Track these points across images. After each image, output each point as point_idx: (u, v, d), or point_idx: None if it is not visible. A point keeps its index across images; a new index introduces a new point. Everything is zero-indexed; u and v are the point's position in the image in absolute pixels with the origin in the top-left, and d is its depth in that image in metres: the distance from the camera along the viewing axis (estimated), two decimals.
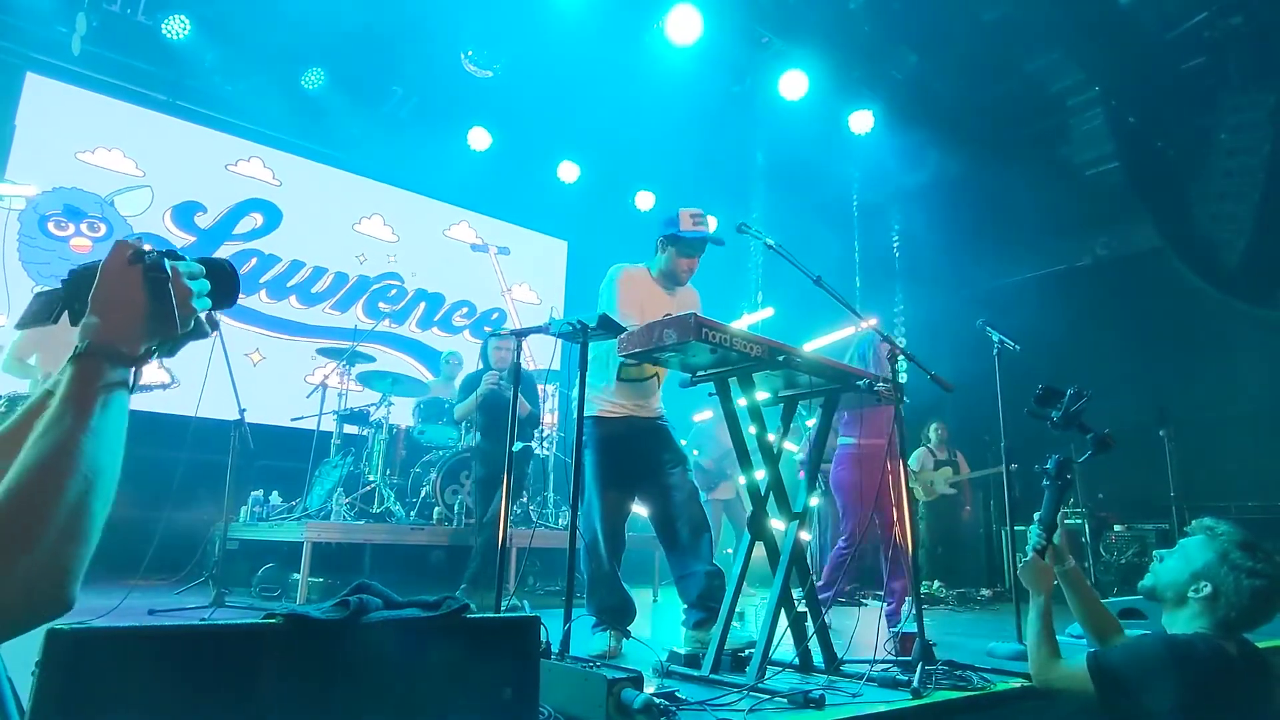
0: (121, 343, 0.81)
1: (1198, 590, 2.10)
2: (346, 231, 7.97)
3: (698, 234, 3.36)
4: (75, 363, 0.79)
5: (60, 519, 0.69)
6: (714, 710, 2.08)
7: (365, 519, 5.40)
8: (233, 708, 1.29)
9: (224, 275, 0.96)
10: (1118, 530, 7.22)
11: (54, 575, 0.68)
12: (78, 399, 0.77)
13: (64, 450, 0.72)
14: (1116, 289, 8.28)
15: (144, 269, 0.84)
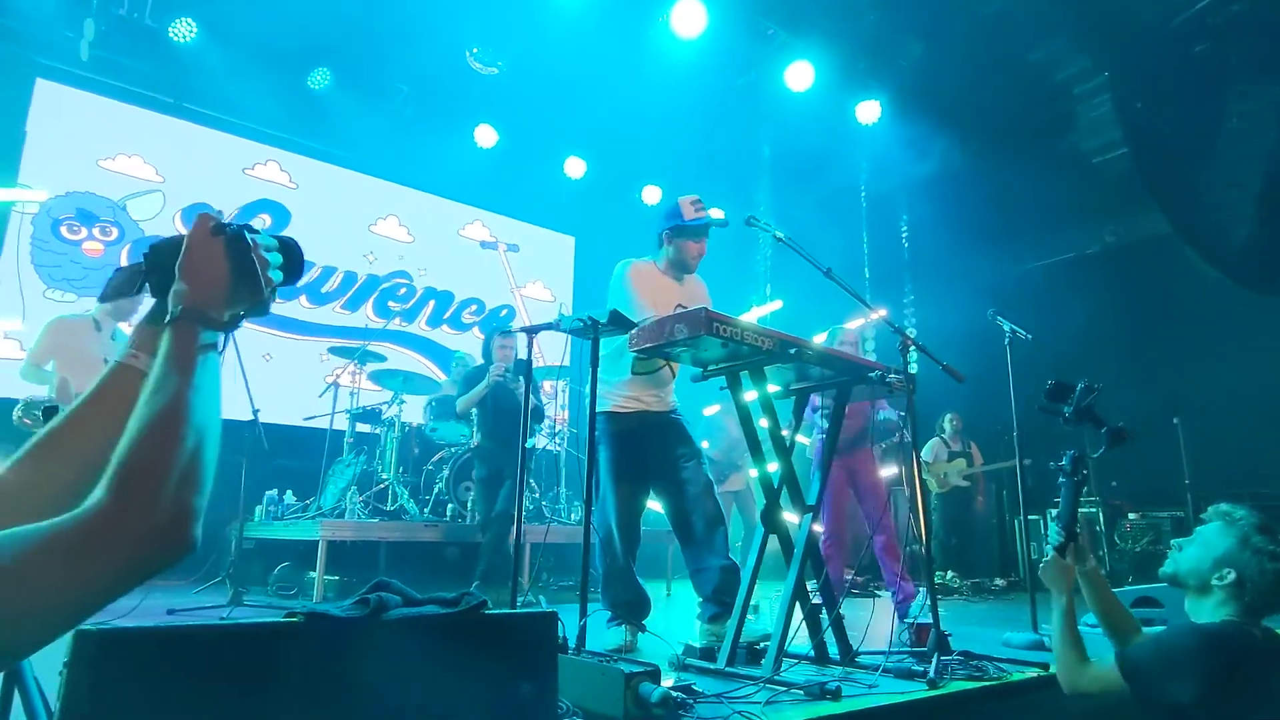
0: (209, 308, 0.87)
1: (1221, 577, 2.06)
2: (360, 233, 7.99)
3: (701, 220, 3.40)
4: (171, 327, 0.85)
5: (179, 468, 0.75)
6: (730, 703, 2.09)
7: (379, 517, 5.44)
8: (256, 705, 1.30)
9: (293, 252, 1.02)
10: (1132, 518, 7.19)
11: (180, 519, 0.73)
12: (179, 359, 0.83)
13: (174, 406, 0.79)
14: (1126, 276, 8.23)
15: (226, 240, 0.90)
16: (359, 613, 1.44)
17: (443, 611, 1.54)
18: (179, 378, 0.81)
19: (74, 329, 4.47)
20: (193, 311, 0.86)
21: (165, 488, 0.73)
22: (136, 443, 0.75)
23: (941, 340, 7.38)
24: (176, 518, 0.73)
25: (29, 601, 0.66)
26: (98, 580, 0.69)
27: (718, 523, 3.23)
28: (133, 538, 0.70)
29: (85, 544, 0.68)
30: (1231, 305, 7.42)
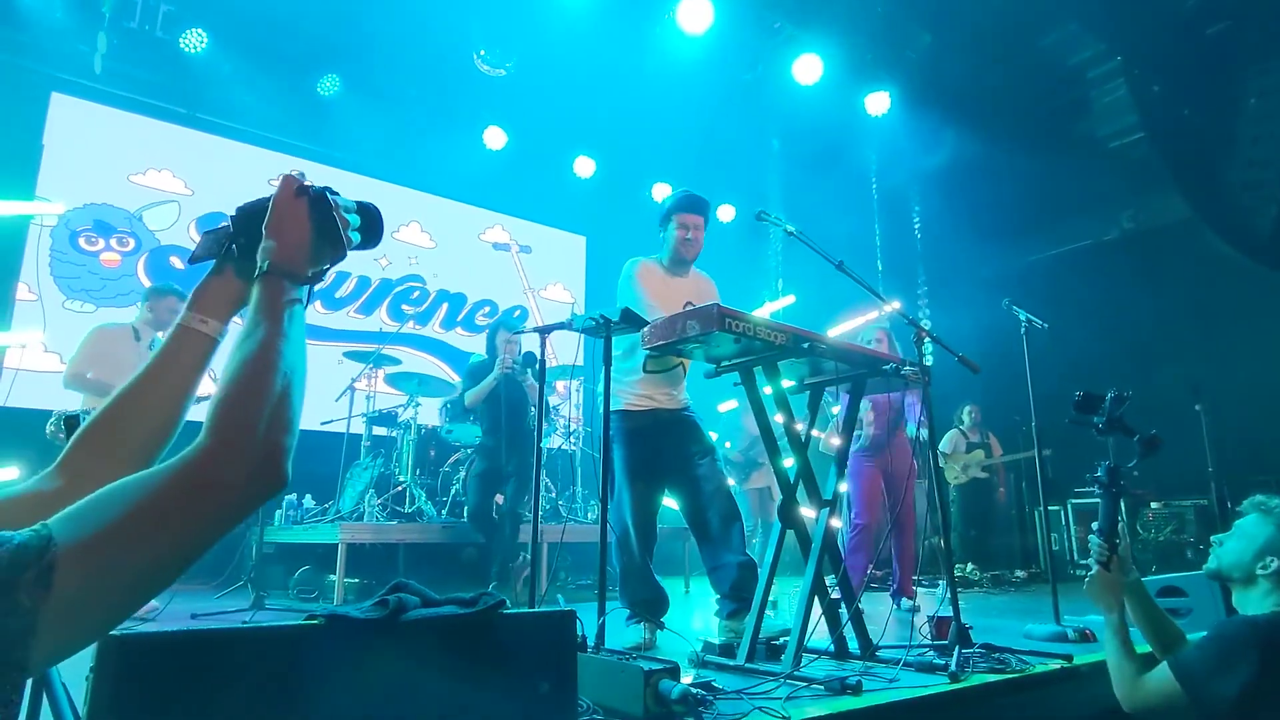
0: (294, 263, 0.94)
1: (1265, 566, 2.07)
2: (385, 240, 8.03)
3: (680, 192, 3.51)
4: (261, 281, 0.91)
5: (270, 408, 0.79)
6: (751, 699, 2.08)
7: (397, 519, 5.47)
8: (278, 707, 1.32)
9: (372, 215, 1.08)
10: (1154, 508, 7.11)
11: (273, 456, 0.78)
12: (268, 310, 0.88)
13: (264, 352, 0.83)
14: (1145, 262, 8.12)
15: (310, 200, 0.96)
16: (378, 614, 1.46)
17: (461, 612, 1.54)
18: (268, 326, 0.86)
19: (114, 338, 4.55)
20: (278, 266, 0.91)
21: (258, 427, 0.77)
22: (231, 387, 0.80)
23: (957, 331, 7.34)
24: (270, 455, 0.77)
25: (149, 551, 0.69)
26: (207, 520, 0.73)
27: (733, 519, 3.23)
28: (233, 475, 0.75)
29: (193, 486, 0.72)
30: (1255, 289, 7.31)
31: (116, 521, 0.67)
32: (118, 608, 0.70)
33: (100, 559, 0.65)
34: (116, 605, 0.69)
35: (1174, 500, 7.02)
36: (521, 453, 5.11)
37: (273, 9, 6.31)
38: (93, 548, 0.65)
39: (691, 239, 3.47)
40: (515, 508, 5.10)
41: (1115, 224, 8.63)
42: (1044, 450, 4.09)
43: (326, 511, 5.59)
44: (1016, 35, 7.35)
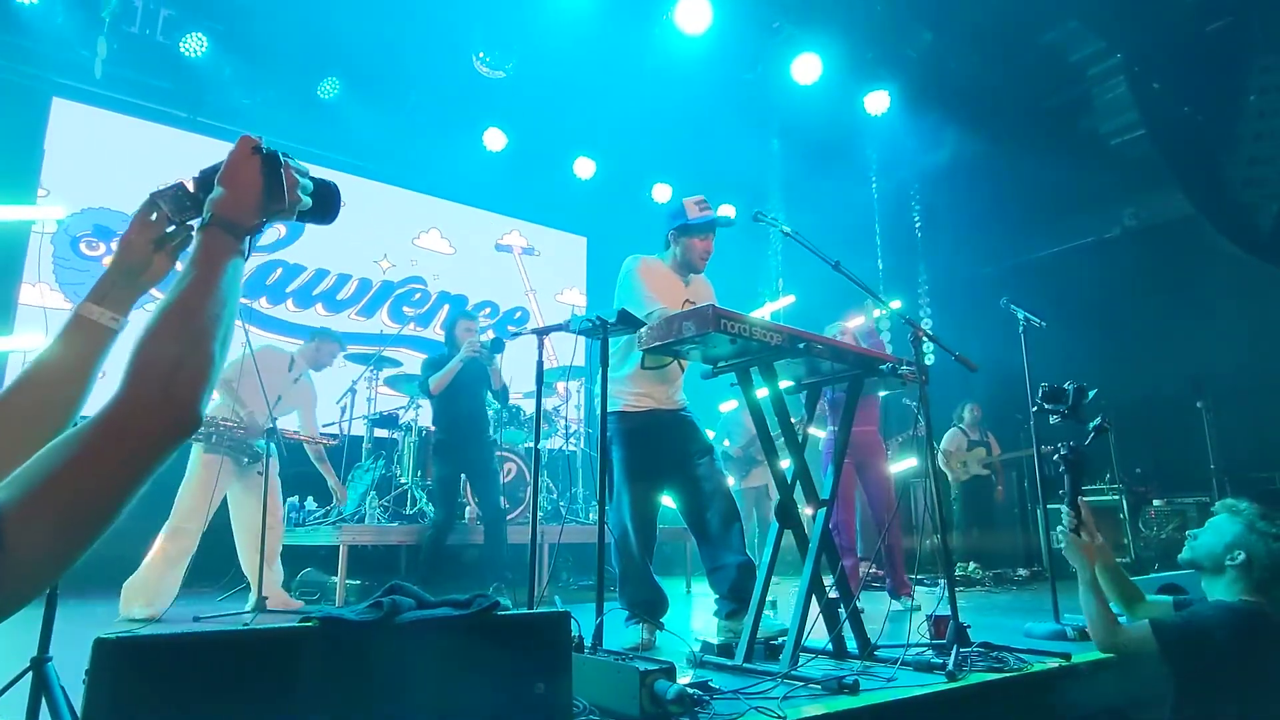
0: (239, 215, 0.97)
1: (1233, 559, 2.43)
2: (393, 243, 8.05)
3: (706, 219, 3.42)
4: (203, 231, 0.94)
5: (179, 356, 0.82)
6: (748, 699, 2.09)
7: (399, 521, 5.48)
8: (274, 709, 1.33)
9: (328, 189, 1.13)
10: (1156, 505, 7.10)
11: (178, 403, 0.81)
12: (201, 260, 0.91)
13: (183, 301, 0.86)
14: (1146, 259, 8.11)
15: (263, 157, 1.01)
16: (373, 616, 1.46)
17: (455, 613, 1.55)
18: (195, 275, 0.89)
19: (271, 360, 4.70)
20: (224, 217, 0.95)
21: (166, 375, 0.80)
22: (145, 336, 0.83)
23: (958, 330, 7.34)
24: (177, 402, 0.80)
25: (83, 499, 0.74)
26: (126, 466, 0.77)
27: (733, 519, 3.23)
28: (142, 423, 0.78)
29: (108, 436, 0.76)
30: (1256, 286, 7.29)
31: (50, 478, 0.73)
32: (65, 552, 0.75)
33: (42, 513, 0.71)
34: (64, 550, 0.74)
35: (1176, 498, 7.01)
36: (480, 446, 5.07)
37: (272, 13, 6.33)
38: (33, 504, 0.71)
39: (704, 254, 3.48)
40: (496, 506, 5.07)
41: (1116, 221, 8.61)
42: (1043, 447, 4.09)
43: (328, 513, 5.60)
44: (1017, 33, 7.34)
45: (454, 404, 5.01)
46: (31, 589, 0.72)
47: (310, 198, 1.09)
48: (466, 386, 5.01)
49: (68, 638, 2.10)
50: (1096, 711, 2.74)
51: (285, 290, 7.47)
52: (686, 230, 3.42)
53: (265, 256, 7.43)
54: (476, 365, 5.02)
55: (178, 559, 4.23)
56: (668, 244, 3.51)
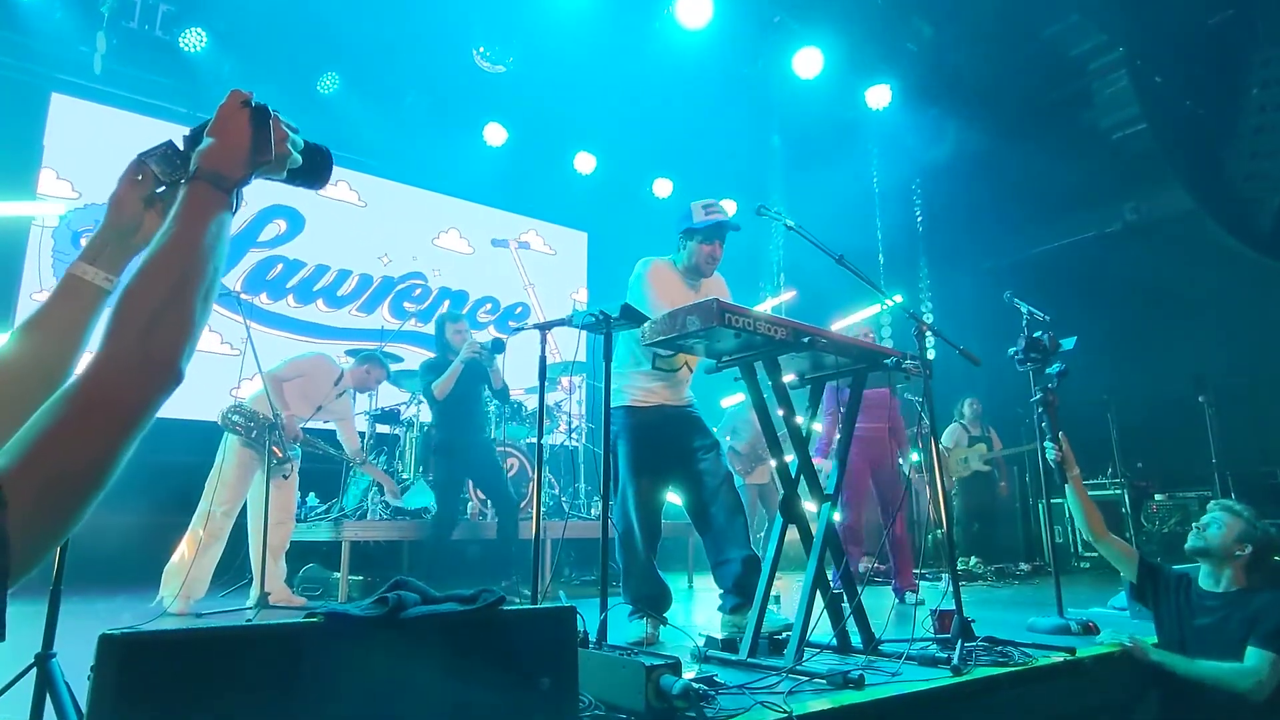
0: (227, 167, 0.95)
1: (1241, 550, 2.80)
2: (393, 238, 8.04)
3: (711, 222, 3.35)
4: (189, 184, 0.93)
5: (157, 312, 0.81)
6: (753, 694, 2.08)
7: (401, 516, 5.47)
8: (279, 704, 1.32)
9: (319, 150, 1.13)
10: (1158, 500, 7.10)
11: (157, 361, 0.79)
12: (185, 215, 0.89)
13: (164, 256, 0.85)
14: (1148, 254, 8.10)
15: (251, 110, 1.00)
16: (377, 612, 1.46)
17: (461, 609, 1.55)
18: (178, 229, 0.87)
19: (323, 369, 4.80)
20: (210, 171, 0.93)
21: (143, 332, 0.79)
22: (124, 289, 0.82)
23: (959, 324, 7.33)
24: (154, 360, 0.79)
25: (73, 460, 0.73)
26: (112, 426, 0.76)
27: (738, 514, 3.22)
28: (120, 381, 0.77)
29: (90, 396, 0.75)
30: (1258, 281, 7.29)
31: (40, 441, 0.72)
32: (65, 514, 0.73)
33: (36, 476, 0.71)
34: (63, 512, 0.73)
35: (1178, 492, 7.01)
36: (480, 446, 5.10)
37: (271, 8, 6.30)
38: (28, 467, 0.71)
39: (714, 258, 3.44)
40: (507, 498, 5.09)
41: (1118, 216, 8.60)
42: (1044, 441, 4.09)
43: (330, 509, 5.59)
44: (1018, 27, 7.33)
45: (453, 405, 5.01)
46: (37, 552, 0.72)
47: (301, 156, 1.08)
48: (465, 387, 5.01)
49: (71, 634, 2.09)
50: (1102, 705, 2.74)
51: (286, 286, 7.46)
52: (692, 234, 3.38)
53: (266, 252, 7.41)
54: (475, 365, 5.03)
55: (210, 544, 4.26)
56: (679, 246, 3.47)
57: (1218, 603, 2.83)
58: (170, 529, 4.36)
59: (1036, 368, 3.67)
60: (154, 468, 4.71)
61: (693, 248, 3.39)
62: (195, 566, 4.16)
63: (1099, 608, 4.20)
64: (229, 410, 4.34)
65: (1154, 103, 7.70)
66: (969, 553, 6.82)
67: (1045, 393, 3.48)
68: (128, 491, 4.12)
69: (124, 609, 4.32)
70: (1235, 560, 2.81)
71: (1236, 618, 2.73)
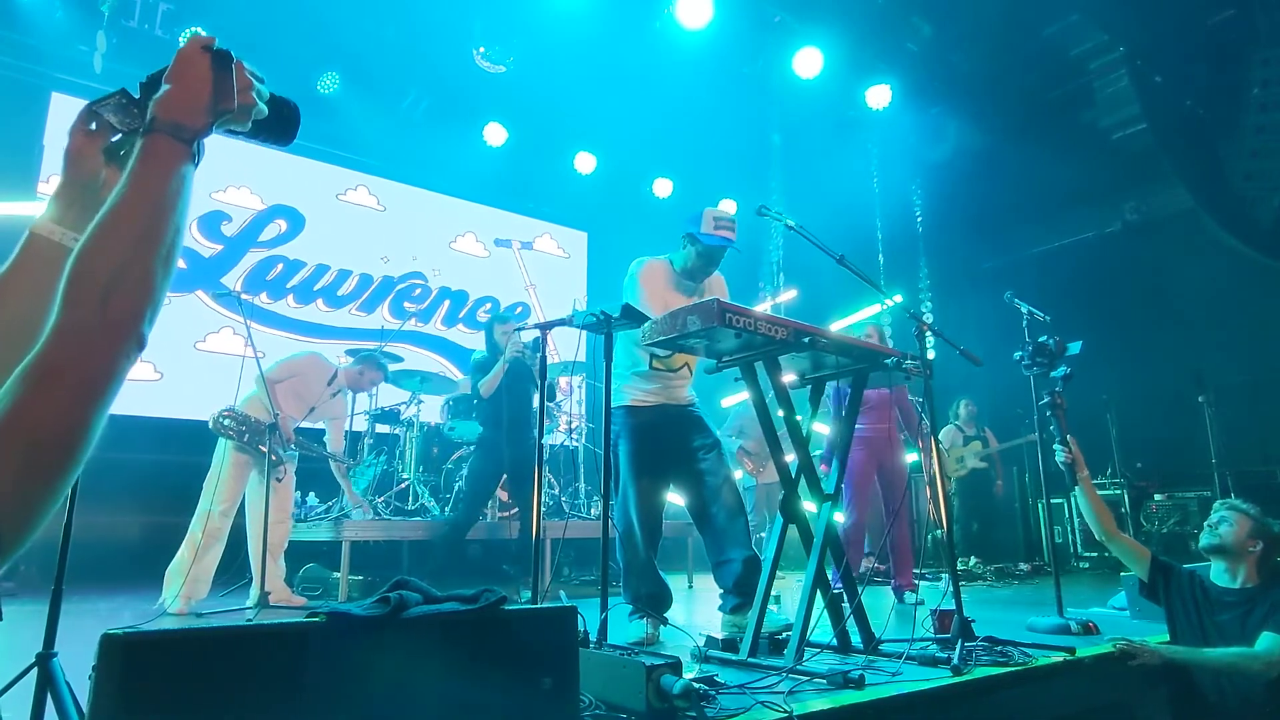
0: (186, 114, 0.89)
1: (1254, 547, 2.88)
2: (392, 238, 8.04)
3: (716, 241, 3.27)
4: (146, 136, 0.86)
5: (116, 271, 0.76)
6: (753, 693, 2.08)
7: (401, 516, 5.48)
8: (280, 703, 1.32)
9: (287, 104, 1.08)
10: (1158, 499, 7.10)
11: (118, 325, 0.75)
12: (139, 168, 0.83)
13: (119, 212, 0.79)
14: (1148, 254, 8.11)
15: (213, 54, 0.94)
16: (379, 611, 1.46)
17: (462, 608, 1.55)
18: (134, 183, 0.82)
19: (316, 369, 4.77)
20: (168, 121, 0.87)
21: (103, 290, 0.74)
22: (79, 250, 0.76)
23: (958, 325, 7.33)
24: (115, 324, 0.74)
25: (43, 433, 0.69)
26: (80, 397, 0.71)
27: (739, 514, 3.23)
28: (84, 344, 0.73)
29: (53, 365, 0.71)
30: (1258, 280, 7.29)
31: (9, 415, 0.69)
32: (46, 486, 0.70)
33: (10, 448, 0.68)
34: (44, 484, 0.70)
35: (1177, 492, 7.01)
36: (522, 445, 5.12)
37: (271, 7, 6.29)
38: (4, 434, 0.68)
39: (707, 272, 3.41)
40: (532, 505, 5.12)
41: (1118, 215, 8.60)
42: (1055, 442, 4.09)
43: (330, 509, 5.59)
44: (1018, 26, 7.33)
45: (498, 403, 5.08)
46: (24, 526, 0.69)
47: (267, 107, 1.02)
48: (511, 387, 5.08)
49: (72, 634, 2.09)
50: (1102, 705, 2.74)
51: (286, 286, 7.46)
52: (694, 242, 3.34)
53: (265, 252, 7.41)
54: (521, 365, 5.12)
55: (210, 545, 4.28)
56: (682, 245, 3.44)
57: (1237, 598, 2.88)
58: (172, 529, 4.36)
59: (1043, 372, 3.66)
60: (156, 468, 4.72)
61: (691, 254, 3.37)
62: (196, 567, 4.17)
63: (1099, 608, 4.20)
64: (219, 415, 4.33)
65: (1154, 102, 7.70)
66: (968, 553, 6.82)
67: (1052, 395, 3.49)
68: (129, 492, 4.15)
69: (124, 609, 4.32)
70: (1249, 556, 2.89)
71: (1259, 612, 2.79)
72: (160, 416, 4.47)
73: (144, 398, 6.23)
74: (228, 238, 7.23)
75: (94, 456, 0.76)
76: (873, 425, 4.89)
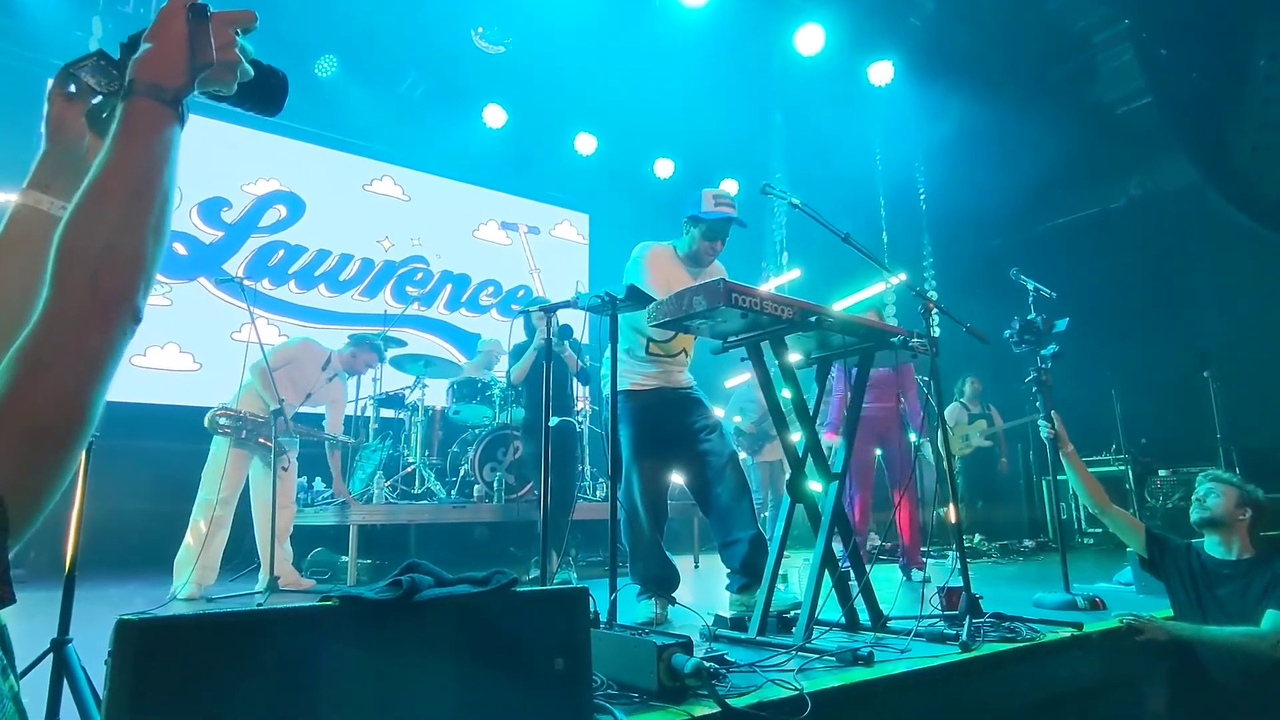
0: (164, 74, 0.84)
1: (1243, 515, 2.96)
2: (393, 222, 8.01)
3: (719, 215, 3.30)
4: (123, 101, 0.82)
5: (108, 240, 0.74)
6: (764, 671, 2.09)
7: (407, 500, 5.50)
8: (294, 687, 1.33)
9: (272, 70, 1.00)
10: (1162, 475, 7.10)
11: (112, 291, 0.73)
12: (121, 134, 0.80)
13: (104, 180, 0.76)
14: (1153, 230, 8.06)
15: (189, 7, 0.89)
16: (392, 594, 1.46)
17: (474, 590, 1.55)
18: (116, 150, 0.79)
19: (310, 354, 4.78)
20: (146, 82, 0.83)
21: (93, 266, 0.72)
22: (64, 225, 0.74)
23: (962, 303, 7.29)
24: (106, 296, 0.72)
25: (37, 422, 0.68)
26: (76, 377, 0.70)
27: (743, 493, 3.23)
28: (77, 324, 0.71)
29: (46, 346, 0.69)
30: (1263, 255, 7.24)
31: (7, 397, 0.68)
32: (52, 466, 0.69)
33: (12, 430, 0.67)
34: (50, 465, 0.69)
35: (1182, 468, 7.01)
36: (558, 427, 5.22)
37: None
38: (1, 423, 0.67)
39: (715, 251, 3.40)
40: (567, 486, 5.18)
41: (1122, 191, 8.55)
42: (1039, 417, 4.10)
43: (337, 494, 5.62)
44: (1021, 0, 7.24)
45: (536, 388, 5.11)
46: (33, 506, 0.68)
47: (251, 68, 0.96)
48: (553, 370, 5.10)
49: (85, 620, 2.11)
50: (1109, 680, 2.75)
51: (288, 272, 7.44)
52: (697, 223, 3.34)
53: (267, 238, 7.39)
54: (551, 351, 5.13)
55: (215, 532, 4.32)
56: (684, 230, 3.44)
57: (1235, 570, 2.92)
58: (182, 515, 4.39)
59: (1032, 348, 3.75)
60: (166, 455, 4.74)
61: (695, 236, 3.36)
62: (204, 555, 4.22)
63: (1104, 583, 4.22)
64: (214, 415, 4.33)
65: (1159, 76, 7.62)
66: (973, 530, 6.84)
67: (1039, 373, 3.60)
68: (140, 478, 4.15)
69: (136, 594, 4.35)
70: (1239, 524, 2.96)
71: (1258, 584, 2.82)
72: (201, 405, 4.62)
73: (185, 387, 6.45)
74: (228, 224, 7.21)
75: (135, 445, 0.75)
76: (873, 404, 4.88)
